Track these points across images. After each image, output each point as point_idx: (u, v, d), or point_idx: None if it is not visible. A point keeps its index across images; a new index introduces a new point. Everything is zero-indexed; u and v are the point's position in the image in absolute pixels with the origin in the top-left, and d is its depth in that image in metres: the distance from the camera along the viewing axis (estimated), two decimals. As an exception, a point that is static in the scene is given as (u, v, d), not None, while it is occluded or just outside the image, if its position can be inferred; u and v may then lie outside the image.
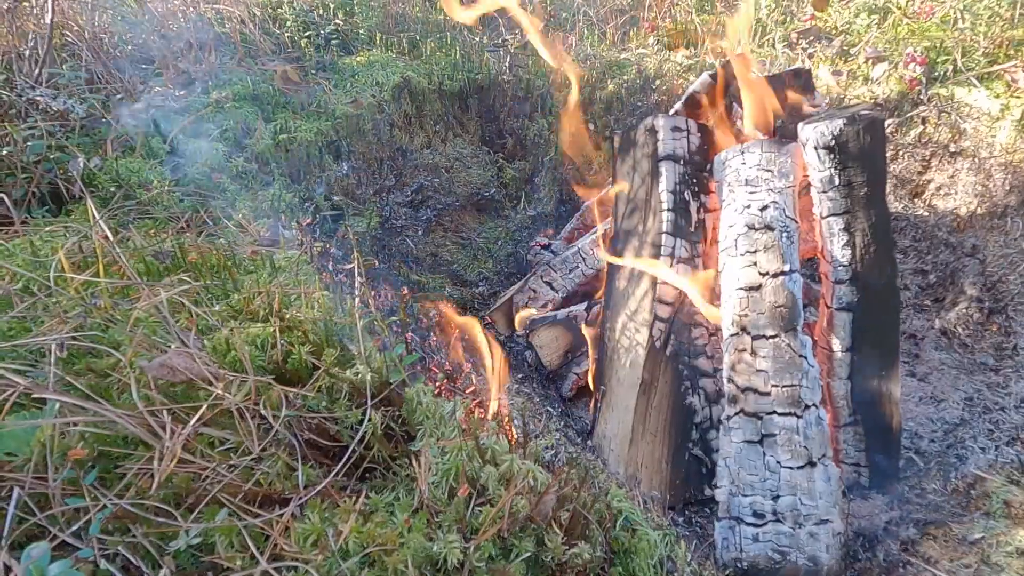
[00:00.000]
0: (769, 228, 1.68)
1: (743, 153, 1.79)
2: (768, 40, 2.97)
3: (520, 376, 2.14)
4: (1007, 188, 2.23)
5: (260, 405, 1.29)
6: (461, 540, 1.26)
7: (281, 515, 1.21)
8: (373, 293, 2.01)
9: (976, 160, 2.34)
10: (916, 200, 2.57)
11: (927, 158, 2.51)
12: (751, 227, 1.69)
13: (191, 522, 1.14)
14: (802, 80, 1.82)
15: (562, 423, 1.96)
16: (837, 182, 1.62)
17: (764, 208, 1.70)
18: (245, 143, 2.36)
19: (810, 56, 2.85)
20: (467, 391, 1.58)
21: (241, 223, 1.96)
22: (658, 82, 2.93)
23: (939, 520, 1.67)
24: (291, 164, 2.41)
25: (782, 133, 1.85)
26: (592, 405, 2.08)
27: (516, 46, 2.92)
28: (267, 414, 1.27)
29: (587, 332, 2.19)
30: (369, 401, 1.34)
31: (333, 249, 1.99)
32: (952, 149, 2.41)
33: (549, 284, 2.44)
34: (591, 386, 2.09)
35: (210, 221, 2.03)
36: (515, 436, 1.54)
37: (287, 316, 1.48)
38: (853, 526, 1.75)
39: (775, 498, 1.54)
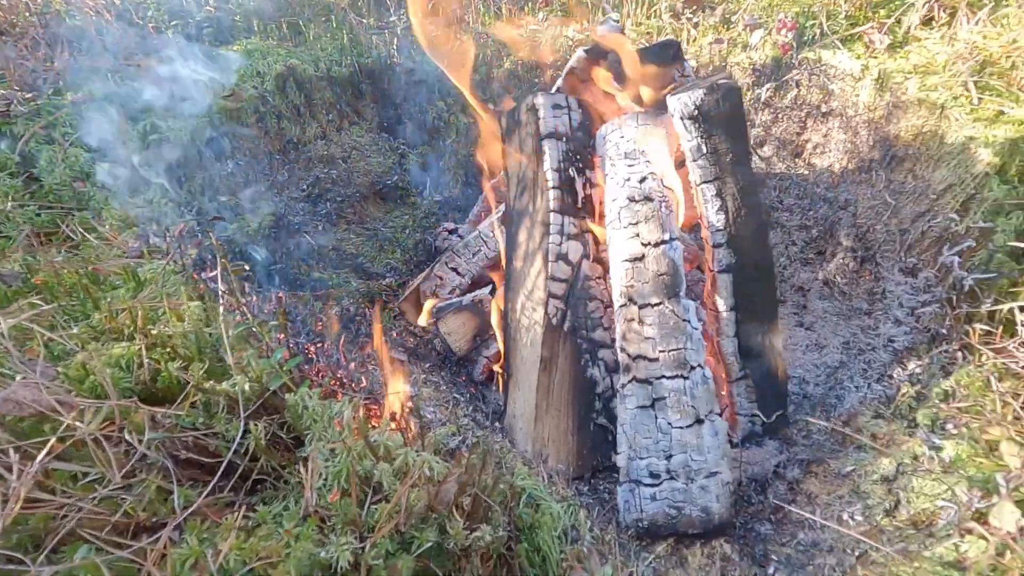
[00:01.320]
0: (648, 199, 1.72)
1: (621, 127, 1.83)
2: (655, 11, 3.02)
3: (428, 365, 2.12)
4: (871, 144, 2.39)
5: (124, 430, 1.21)
6: (356, 540, 1.25)
7: (156, 542, 1.15)
8: (257, 298, 1.92)
9: (844, 119, 2.49)
10: (797, 160, 2.72)
11: (803, 119, 2.65)
12: (632, 199, 1.73)
13: (48, 564, 1.06)
14: (672, 51, 1.86)
15: (471, 408, 1.97)
16: (704, 150, 1.68)
17: (643, 180, 1.74)
18: (110, 147, 2.18)
19: (695, 25, 2.93)
20: (357, 389, 1.55)
21: (105, 235, 1.82)
22: (552, 58, 2.93)
23: (820, 458, 1.80)
24: (166, 167, 2.25)
25: (657, 105, 1.90)
26: (501, 387, 2.10)
27: (402, 27, 2.84)
28: (132, 439, 1.20)
29: (493, 315, 2.20)
30: (242, 412, 1.29)
31: (214, 256, 1.89)
32: (823, 109, 2.56)
33: (455, 270, 2.42)
34: (500, 368, 2.11)
35: (74, 235, 1.87)
36: (413, 429, 1.53)
37: (154, 332, 1.39)
38: (747, 473, 1.87)
39: (668, 457, 1.62)
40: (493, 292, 2.26)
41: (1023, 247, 1.83)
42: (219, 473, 1.33)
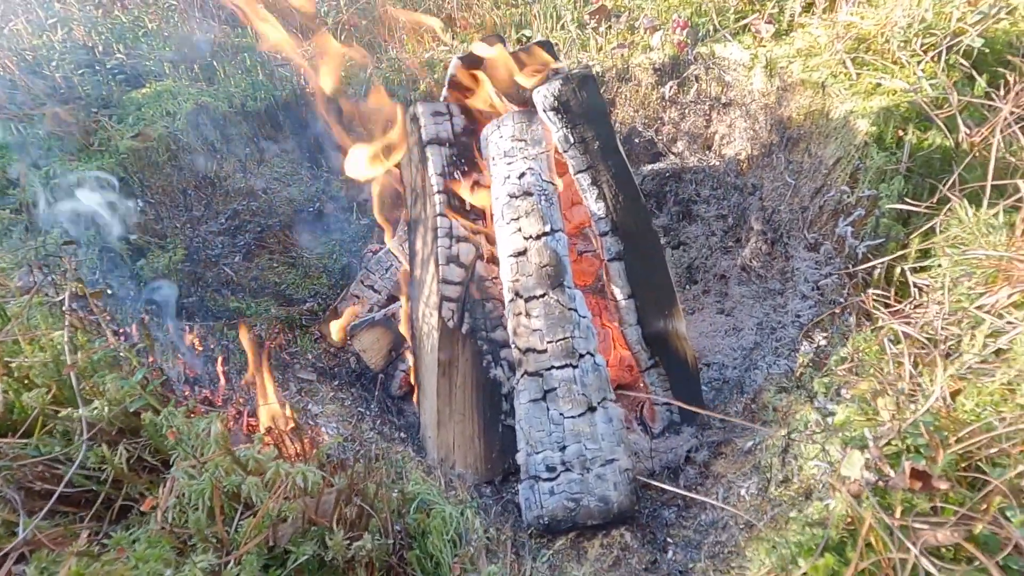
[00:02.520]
0: (528, 194, 1.74)
1: (499, 127, 1.86)
2: (562, 24, 3.11)
3: (337, 383, 2.10)
4: (769, 128, 2.44)
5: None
6: (216, 557, 1.21)
7: (-6, 577, 1.11)
8: (163, 331, 1.91)
9: (744, 107, 2.55)
10: (709, 152, 2.76)
11: (708, 112, 2.70)
12: (512, 195, 1.75)
13: None
14: (546, 51, 1.90)
15: (379, 422, 1.93)
16: (572, 140, 1.71)
17: (522, 175, 1.76)
18: (10, 194, 2.18)
19: (601, 34, 3.01)
20: (227, 404, 1.52)
21: (-8, 278, 1.81)
22: (465, 76, 2.99)
23: (728, 439, 1.78)
24: (70, 210, 2.25)
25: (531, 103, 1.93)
26: (416, 398, 2.07)
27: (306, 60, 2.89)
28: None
29: (403, 326, 2.18)
30: (85, 435, 1.26)
31: (112, 289, 1.88)
32: (723, 100, 2.62)
33: (371, 287, 2.41)
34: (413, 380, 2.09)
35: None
36: (293, 443, 1.50)
37: (13, 365, 1.36)
38: (662, 461, 1.84)
39: (562, 449, 1.59)
40: (405, 305, 2.25)
41: (907, 209, 1.85)
42: (80, 502, 1.30)
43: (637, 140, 2.92)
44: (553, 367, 1.62)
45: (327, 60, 2.29)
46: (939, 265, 1.69)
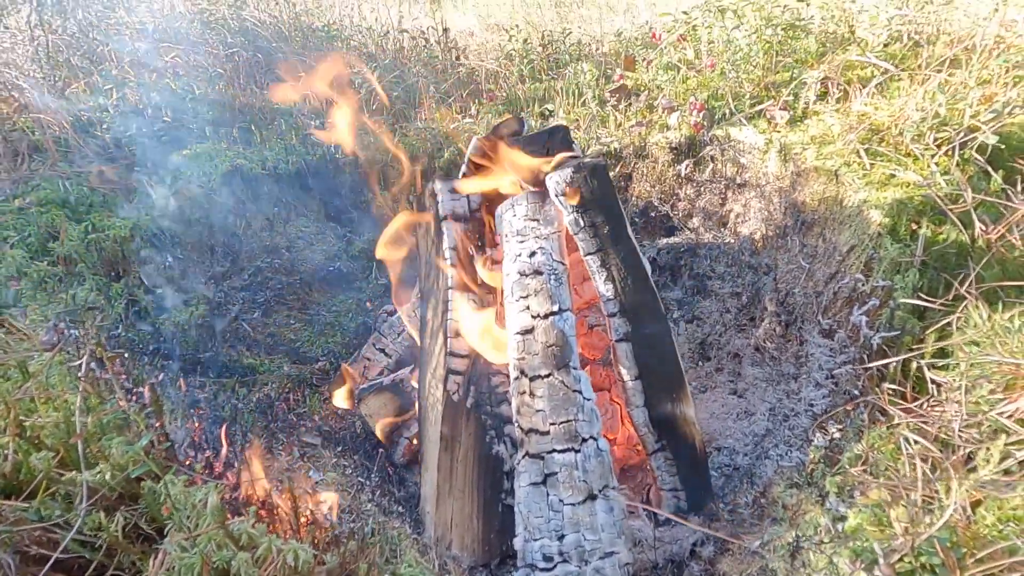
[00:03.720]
0: (538, 272, 1.77)
1: (513, 207, 1.91)
2: (583, 101, 3.24)
3: (340, 449, 2.09)
4: (784, 211, 2.46)
5: (-35, 526, 1.19)
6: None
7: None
8: (175, 388, 1.95)
9: (759, 189, 2.59)
10: (723, 229, 2.79)
11: (723, 191, 2.75)
12: (522, 273, 1.78)
13: None
14: (560, 135, 1.98)
15: (378, 493, 1.91)
16: (582, 223, 1.75)
17: (532, 254, 1.80)
18: (51, 247, 2.30)
19: (620, 111, 3.12)
20: (230, 468, 1.53)
21: (23, 330, 1.89)
22: (487, 147, 3.11)
23: (736, 534, 1.71)
24: (105, 263, 2.36)
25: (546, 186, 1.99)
26: (418, 469, 2.05)
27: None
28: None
29: (413, 395, 2.19)
30: (84, 501, 1.27)
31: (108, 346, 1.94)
32: (739, 181, 2.66)
33: (382, 350, 2.44)
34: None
35: (-1, 331, 1.94)
36: (288, 516, 1.49)
37: (27, 424, 1.40)
38: (665, 553, 1.76)
39: (560, 538, 1.54)
40: (414, 371, 2.26)
41: (923, 304, 1.83)
42: (74, 568, 1.30)
43: (653, 214, 2.97)
44: (555, 450, 1.60)
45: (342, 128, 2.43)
46: (957, 364, 1.65)
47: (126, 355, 1.80)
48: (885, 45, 2.72)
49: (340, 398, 2.25)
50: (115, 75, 2.99)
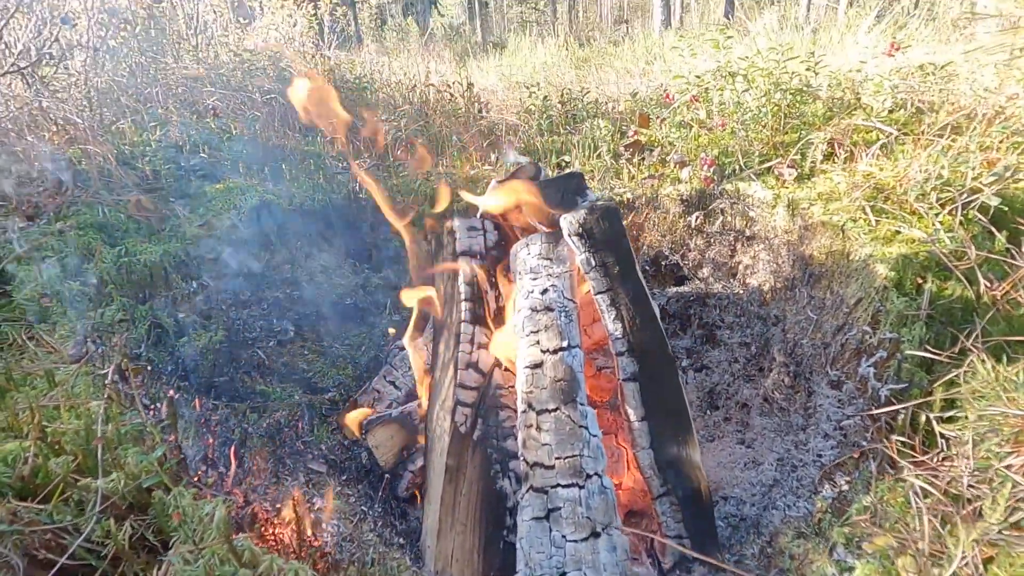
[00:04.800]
0: (549, 309, 1.82)
1: (528, 245, 1.99)
2: (598, 153, 3.38)
3: (345, 478, 2.09)
4: (792, 263, 2.52)
5: (-19, 524, 1.22)
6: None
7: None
8: (190, 406, 1.99)
9: (767, 241, 2.65)
10: (733, 280, 2.84)
11: (732, 243, 2.82)
12: (534, 309, 1.84)
13: None
14: (575, 182, 2.08)
15: (380, 524, 1.90)
16: (593, 263, 1.81)
17: (544, 291, 1.86)
18: (85, 268, 2.41)
19: (633, 164, 3.25)
20: (238, 486, 1.55)
21: (52, 344, 1.96)
22: (505, 193, 3.24)
23: (741, 584, 1.67)
24: (133, 285, 2.46)
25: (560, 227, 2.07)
26: (421, 502, 2.04)
27: (364, 168, 3.21)
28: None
29: (420, 428, 2.20)
30: (97, 508, 1.30)
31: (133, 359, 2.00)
32: (747, 234, 2.73)
33: (392, 383, 2.47)
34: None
35: (29, 343, 2.02)
36: (292, 537, 1.50)
37: (49, 430, 1.45)
38: (669, 602, 1.72)
39: (562, 575, 1.52)
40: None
41: (930, 357, 1.84)
42: (77, 575, 1.31)
43: (664, 263, 3.04)
44: (559, 485, 1.61)
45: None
46: (965, 416, 1.65)
47: (148, 369, 1.86)
48: (890, 111, 2.84)
49: (348, 427, 2.27)
50: (160, 114, 3.20)
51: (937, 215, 2.14)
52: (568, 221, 1.81)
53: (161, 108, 3.34)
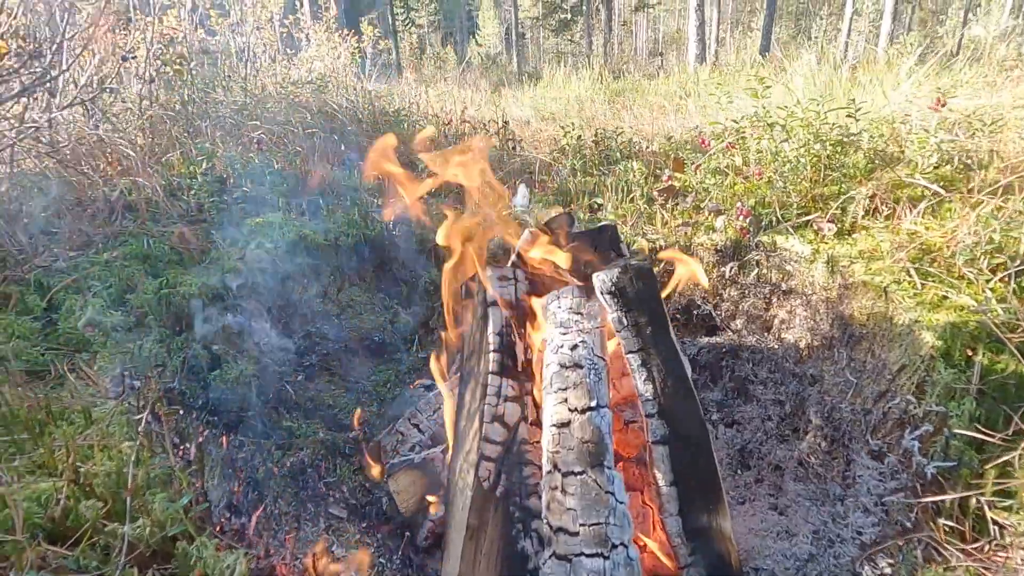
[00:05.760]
0: (578, 366, 1.80)
1: (559, 298, 1.98)
2: (632, 197, 3.37)
3: (365, 525, 2.07)
4: (830, 322, 2.44)
5: (11, 569, 1.24)
6: None
7: None
8: (215, 444, 2.01)
9: (804, 297, 2.58)
10: (767, 334, 2.76)
11: (768, 296, 2.75)
12: (563, 365, 1.81)
13: None
14: (608, 234, 2.07)
15: (398, 576, 1.87)
16: (625, 322, 1.78)
17: (574, 347, 1.83)
18: (127, 298, 2.49)
19: (667, 210, 3.23)
20: (260, 536, 1.54)
21: (86, 373, 2.02)
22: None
23: (773, 671, 1.57)
24: (171, 316, 2.53)
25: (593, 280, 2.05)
26: (440, 555, 2.00)
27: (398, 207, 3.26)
28: (15, 578, 1.22)
29: (442, 475, 2.18)
30: (123, 557, 1.31)
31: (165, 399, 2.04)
32: (784, 288, 2.66)
33: (416, 426, 2.46)
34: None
35: (70, 375, 2.08)
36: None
37: (82, 471, 1.48)
38: None
39: (583, 653, 1.46)
40: (446, 451, 2.26)
41: (983, 437, 1.74)
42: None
43: (696, 312, 2.98)
44: (583, 554, 1.55)
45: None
46: (1022, 506, 1.55)
47: (180, 403, 1.89)
48: (935, 167, 2.76)
49: (372, 470, 2.26)
50: (208, 147, 3.33)
51: (988, 281, 2.05)
52: (601, 279, 1.79)
53: (209, 143, 3.47)
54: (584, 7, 26.02)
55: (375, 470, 2.30)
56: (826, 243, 2.55)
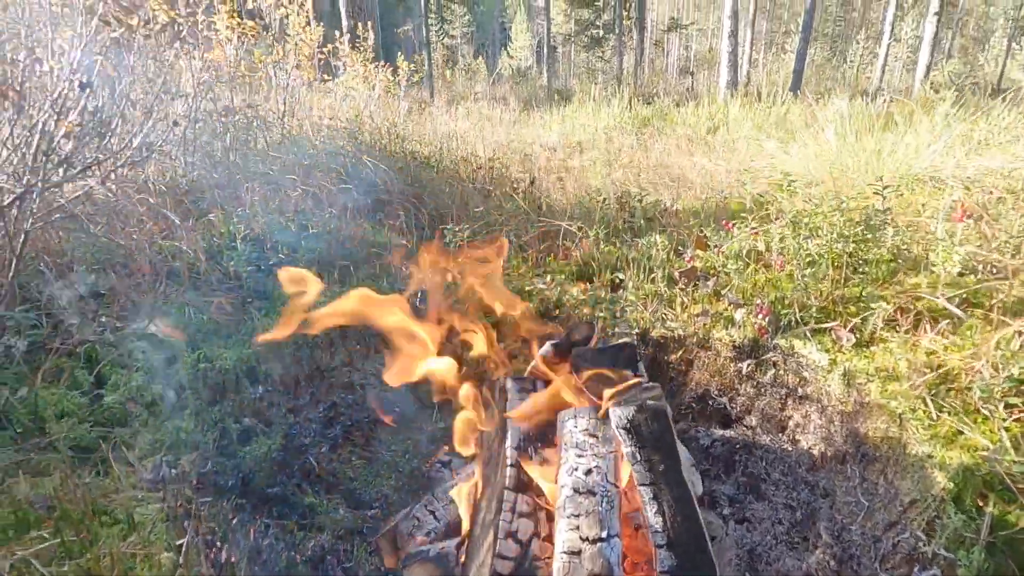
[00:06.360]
0: (592, 493, 1.87)
1: (575, 417, 2.05)
2: (653, 279, 3.43)
3: (379, 621, 2.16)
4: (844, 435, 2.46)
5: None
6: None
7: None
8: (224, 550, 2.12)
9: (820, 405, 2.61)
10: (781, 435, 2.79)
11: (784, 397, 2.78)
12: (576, 491, 1.88)
13: None
14: (626, 353, 2.14)
15: None
16: (639, 458, 1.85)
17: (588, 472, 1.91)
18: (167, 372, 2.64)
19: (687, 293, 3.28)
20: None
21: (131, 460, 2.15)
22: (557, 311, 3.33)
23: None
24: (208, 391, 2.67)
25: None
26: (449, 657, 2.08)
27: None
28: None
29: (457, 571, 2.25)
30: None
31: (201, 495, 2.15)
32: (800, 392, 2.69)
33: (432, 513, 2.54)
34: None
35: (111, 456, 2.22)
36: None
37: (125, 581, 1.60)
38: None
39: None
40: (459, 548, 2.34)
41: (990, 589, 1.76)
42: None
43: (711, 403, 3.02)
44: None
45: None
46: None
47: (211, 498, 2.01)
48: (960, 275, 2.77)
49: (389, 557, 2.35)
50: (247, 212, 3.49)
51: (1004, 421, 2.07)
52: (617, 415, 1.86)
53: (248, 207, 3.63)
54: (616, 26, 26.16)
55: (390, 559, 2.39)
56: (843, 354, 2.58)
